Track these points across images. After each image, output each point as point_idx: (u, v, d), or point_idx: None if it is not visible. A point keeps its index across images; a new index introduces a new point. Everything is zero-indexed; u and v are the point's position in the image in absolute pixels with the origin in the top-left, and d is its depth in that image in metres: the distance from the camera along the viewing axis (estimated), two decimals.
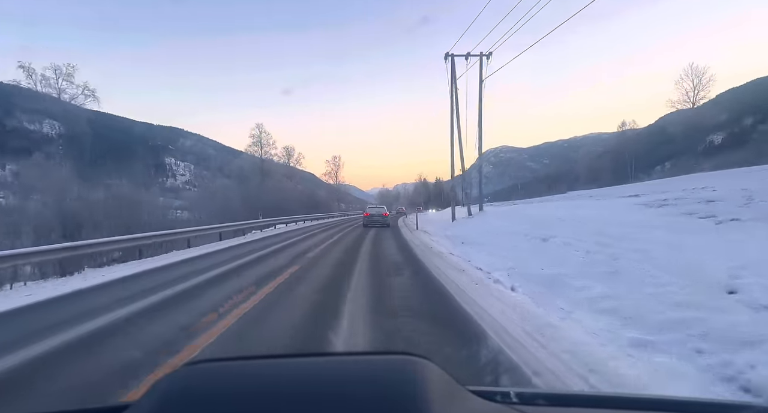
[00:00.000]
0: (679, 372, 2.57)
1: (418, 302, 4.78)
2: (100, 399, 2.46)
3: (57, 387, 2.64)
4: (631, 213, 9.61)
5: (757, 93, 52.44)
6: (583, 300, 4.33)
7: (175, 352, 3.15)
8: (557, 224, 9.89)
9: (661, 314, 3.57)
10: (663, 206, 9.77)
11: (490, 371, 2.73)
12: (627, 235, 6.81)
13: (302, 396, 0.64)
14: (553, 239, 8.12)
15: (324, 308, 4.50)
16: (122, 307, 4.70)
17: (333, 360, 0.90)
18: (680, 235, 6.16)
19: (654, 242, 5.93)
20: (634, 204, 11.21)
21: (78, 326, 3.99)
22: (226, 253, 10.49)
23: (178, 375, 0.72)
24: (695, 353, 2.82)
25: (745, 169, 23.85)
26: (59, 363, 3.12)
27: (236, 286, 5.76)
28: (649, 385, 2.39)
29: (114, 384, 2.62)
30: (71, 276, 7.66)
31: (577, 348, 2.98)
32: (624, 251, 5.84)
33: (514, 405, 0.75)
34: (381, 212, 20.43)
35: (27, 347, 3.37)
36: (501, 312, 4.12)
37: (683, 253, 5.14)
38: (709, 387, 2.39)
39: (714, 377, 2.50)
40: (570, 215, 10.90)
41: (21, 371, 2.96)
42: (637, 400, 0.90)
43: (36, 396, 2.57)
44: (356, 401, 0.61)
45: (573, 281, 5.09)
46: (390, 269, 7.23)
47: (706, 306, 3.55)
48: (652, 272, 4.76)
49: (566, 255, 6.64)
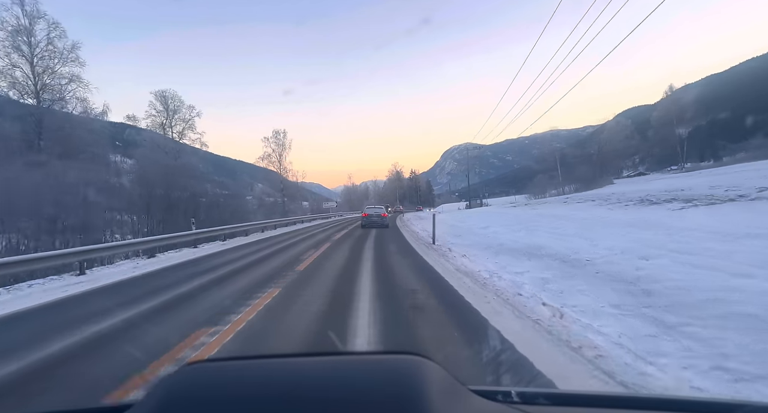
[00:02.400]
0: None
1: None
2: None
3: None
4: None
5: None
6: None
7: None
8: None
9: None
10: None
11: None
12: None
13: (304, 396, 0.63)
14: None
15: None
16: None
17: (335, 359, 0.85)
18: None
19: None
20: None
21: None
22: None
23: (180, 375, 0.71)
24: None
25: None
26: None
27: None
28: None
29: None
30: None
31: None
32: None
33: (515, 404, 0.75)
34: (379, 213, 20.44)
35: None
36: None
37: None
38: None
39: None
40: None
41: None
42: (638, 400, 0.98)
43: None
44: (358, 401, 0.61)
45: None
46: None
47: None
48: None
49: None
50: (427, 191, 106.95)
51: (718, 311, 3.61)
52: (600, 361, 2.84)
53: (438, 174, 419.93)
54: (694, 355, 2.82)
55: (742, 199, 10.46)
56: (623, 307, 4.06)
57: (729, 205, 10.16)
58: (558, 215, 15.46)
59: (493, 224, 15.46)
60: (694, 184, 16.71)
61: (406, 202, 77.25)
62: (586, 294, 4.65)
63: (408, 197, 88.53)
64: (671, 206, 12.02)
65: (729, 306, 3.68)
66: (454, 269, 6.94)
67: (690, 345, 3.01)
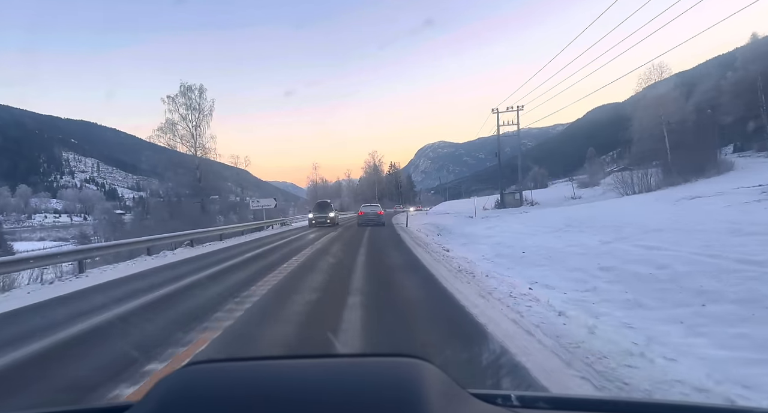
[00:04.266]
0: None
1: None
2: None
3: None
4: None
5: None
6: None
7: None
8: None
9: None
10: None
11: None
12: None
13: (302, 398, 0.63)
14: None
15: None
16: None
17: (334, 361, 0.86)
18: None
19: None
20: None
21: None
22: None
23: (179, 376, 0.71)
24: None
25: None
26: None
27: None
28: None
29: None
30: None
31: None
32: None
33: (515, 408, 0.74)
34: (376, 211, 21.21)
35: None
36: None
37: None
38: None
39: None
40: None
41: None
42: (639, 404, 0.95)
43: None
44: (356, 403, 0.61)
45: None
46: None
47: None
48: None
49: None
50: (408, 188, 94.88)
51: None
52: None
53: (412, 172, 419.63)
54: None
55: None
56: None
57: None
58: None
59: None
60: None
61: (385, 200, 63.98)
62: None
63: (387, 194, 77.27)
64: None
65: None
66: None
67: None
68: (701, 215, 9.09)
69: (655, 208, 12.50)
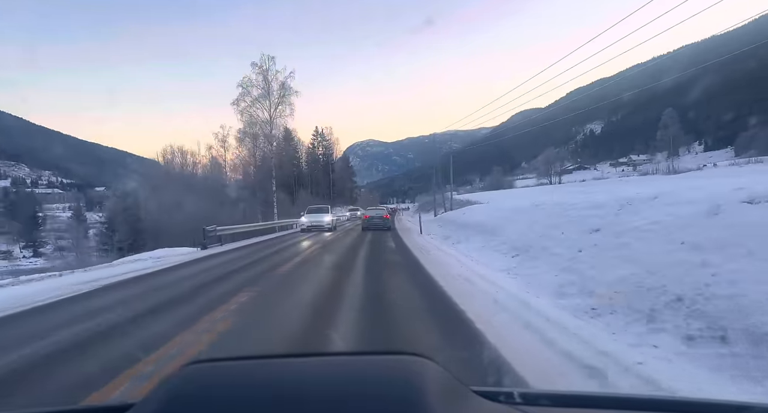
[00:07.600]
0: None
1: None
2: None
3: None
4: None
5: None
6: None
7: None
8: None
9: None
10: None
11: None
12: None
13: (305, 396, 0.64)
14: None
15: None
16: None
17: (335, 360, 0.91)
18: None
19: None
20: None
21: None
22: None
23: (180, 375, 0.72)
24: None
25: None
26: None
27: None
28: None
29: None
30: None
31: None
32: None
33: (517, 405, 0.75)
34: (381, 215, 19.77)
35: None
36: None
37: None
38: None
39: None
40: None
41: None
42: (641, 401, 0.91)
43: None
44: (358, 401, 0.62)
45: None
46: None
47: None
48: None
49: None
50: (347, 178, 62.52)
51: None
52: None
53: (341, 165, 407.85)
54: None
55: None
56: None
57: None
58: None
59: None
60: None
61: (302, 192, 39.74)
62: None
63: (312, 186, 46.77)
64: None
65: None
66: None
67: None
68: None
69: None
